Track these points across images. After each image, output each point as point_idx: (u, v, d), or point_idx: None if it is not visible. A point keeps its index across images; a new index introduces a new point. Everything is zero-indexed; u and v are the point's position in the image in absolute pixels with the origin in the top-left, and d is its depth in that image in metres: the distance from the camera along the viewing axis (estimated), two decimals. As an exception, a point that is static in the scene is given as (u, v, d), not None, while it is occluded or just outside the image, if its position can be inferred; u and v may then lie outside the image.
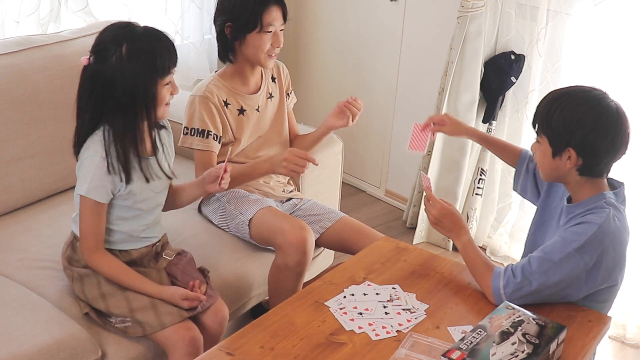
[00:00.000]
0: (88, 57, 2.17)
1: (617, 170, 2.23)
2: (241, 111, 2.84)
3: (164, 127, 2.37)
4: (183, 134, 2.77)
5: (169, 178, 2.37)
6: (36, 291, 2.36)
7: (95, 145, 2.18)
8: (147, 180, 2.26)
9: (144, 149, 2.25)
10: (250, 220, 2.74)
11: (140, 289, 2.28)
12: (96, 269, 2.28)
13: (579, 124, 2.05)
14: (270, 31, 2.75)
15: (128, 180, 2.20)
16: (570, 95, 2.10)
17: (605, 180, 2.17)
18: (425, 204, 2.34)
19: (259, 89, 2.92)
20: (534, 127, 2.18)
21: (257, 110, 2.90)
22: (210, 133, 2.75)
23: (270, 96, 2.96)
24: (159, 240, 2.44)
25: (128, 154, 2.19)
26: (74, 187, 2.92)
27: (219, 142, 2.78)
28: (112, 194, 2.22)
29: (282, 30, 2.81)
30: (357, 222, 2.92)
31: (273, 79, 2.99)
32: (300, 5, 4.51)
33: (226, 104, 2.79)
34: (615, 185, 2.20)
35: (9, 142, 2.70)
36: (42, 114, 2.78)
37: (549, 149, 2.12)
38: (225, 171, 2.35)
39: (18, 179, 2.75)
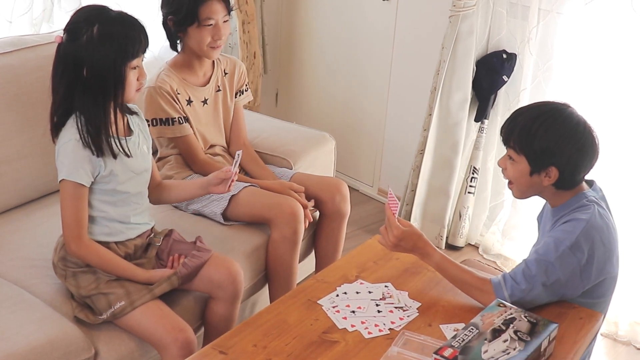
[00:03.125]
0: (62, 35, 2.18)
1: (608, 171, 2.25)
2: (189, 102, 2.89)
3: (135, 113, 2.39)
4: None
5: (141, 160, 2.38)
6: (29, 290, 2.36)
7: (69, 132, 2.20)
8: (128, 156, 2.26)
9: (118, 129, 2.25)
10: (232, 198, 2.77)
11: (129, 276, 2.30)
12: (84, 259, 2.28)
13: (563, 145, 2.10)
14: (210, 24, 2.78)
15: (100, 153, 2.19)
16: (549, 116, 2.12)
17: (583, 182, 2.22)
18: (381, 232, 2.26)
19: (209, 81, 2.96)
20: (507, 145, 2.19)
21: (205, 102, 2.94)
22: (174, 120, 2.82)
23: (219, 89, 3.00)
24: (152, 231, 2.46)
25: (99, 131, 2.18)
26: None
27: (187, 122, 2.85)
28: (92, 176, 2.22)
29: (225, 21, 2.82)
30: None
31: (225, 73, 3.03)
32: (293, 4, 4.51)
33: (177, 92, 2.84)
34: (589, 184, 2.24)
35: (2, 142, 2.70)
36: (35, 114, 2.78)
37: (527, 167, 2.15)
38: (234, 174, 2.41)
39: (11, 179, 2.75)
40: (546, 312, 2.11)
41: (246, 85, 3.12)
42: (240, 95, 3.09)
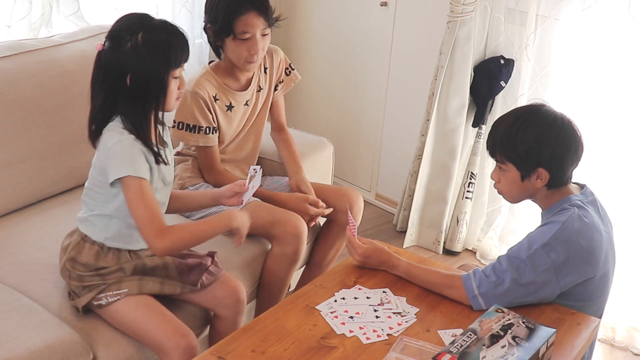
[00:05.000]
0: (103, 42, 2.16)
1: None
2: (229, 107, 2.85)
3: (162, 123, 2.37)
4: (172, 127, 2.79)
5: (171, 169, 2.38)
6: (27, 295, 2.35)
7: (117, 132, 2.15)
8: (166, 163, 2.24)
9: (156, 140, 2.24)
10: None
11: (214, 231, 2.27)
12: (176, 249, 2.24)
13: (544, 142, 2.14)
14: (246, 38, 2.70)
15: (157, 160, 2.18)
16: (526, 118, 2.17)
17: (570, 185, 2.24)
18: (347, 247, 2.39)
19: (250, 84, 2.92)
20: (494, 157, 2.24)
21: (246, 104, 2.91)
22: (201, 128, 2.77)
23: (260, 89, 2.96)
24: None
25: (147, 139, 2.17)
26: (65, 192, 2.94)
27: (214, 133, 2.80)
28: (149, 172, 2.19)
29: (265, 34, 2.74)
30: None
31: (265, 70, 2.98)
32: (291, 9, 4.52)
33: (215, 99, 2.80)
34: (581, 187, 2.27)
35: (0, 146, 2.70)
36: (33, 119, 2.78)
37: (517, 173, 2.19)
38: (249, 188, 2.38)
39: (8, 184, 2.74)
40: (544, 317, 2.12)
41: (287, 69, 3.05)
42: (280, 84, 3.04)
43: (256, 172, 2.39)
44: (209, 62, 2.89)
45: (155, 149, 2.21)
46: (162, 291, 2.31)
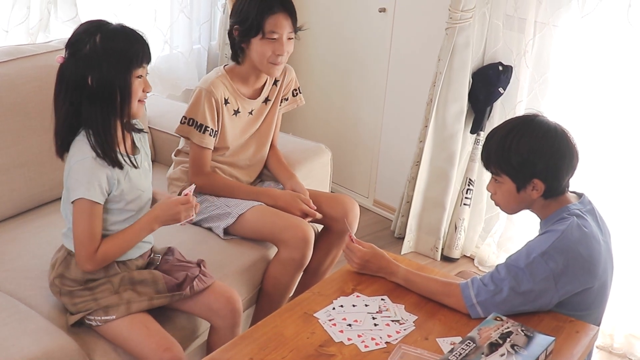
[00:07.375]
0: (63, 56, 2.16)
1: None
2: (236, 112, 2.87)
3: (140, 130, 2.36)
4: (180, 122, 2.81)
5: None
6: (24, 302, 2.34)
7: (82, 149, 2.16)
8: (136, 166, 2.24)
9: (125, 147, 2.24)
10: (240, 216, 2.75)
11: (139, 238, 2.28)
12: (100, 267, 2.26)
13: (539, 153, 2.13)
14: (274, 38, 2.75)
15: (116, 164, 2.17)
16: (519, 129, 2.17)
17: (567, 194, 2.24)
18: (345, 253, 2.38)
19: (260, 94, 2.95)
20: (488, 169, 2.24)
21: (250, 113, 2.92)
22: (207, 129, 2.79)
23: (267, 100, 2.98)
24: (151, 251, 2.43)
25: (113, 146, 2.16)
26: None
27: (215, 137, 2.82)
28: (106, 194, 2.18)
29: (290, 38, 2.80)
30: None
31: (275, 82, 3.00)
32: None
33: (226, 102, 2.82)
34: (579, 196, 2.27)
35: (-2, 151, 2.70)
36: (31, 123, 2.77)
37: (513, 185, 2.19)
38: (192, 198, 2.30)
39: (7, 189, 2.74)
40: (543, 325, 2.11)
41: (294, 91, 3.09)
42: (285, 101, 3.07)
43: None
44: (224, 66, 2.92)
45: (124, 157, 2.20)
46: (152, 306, 2.31)
